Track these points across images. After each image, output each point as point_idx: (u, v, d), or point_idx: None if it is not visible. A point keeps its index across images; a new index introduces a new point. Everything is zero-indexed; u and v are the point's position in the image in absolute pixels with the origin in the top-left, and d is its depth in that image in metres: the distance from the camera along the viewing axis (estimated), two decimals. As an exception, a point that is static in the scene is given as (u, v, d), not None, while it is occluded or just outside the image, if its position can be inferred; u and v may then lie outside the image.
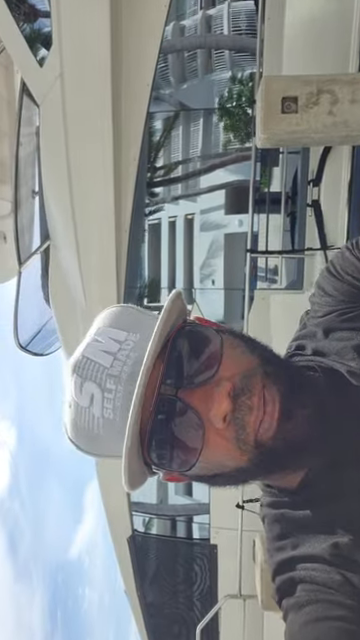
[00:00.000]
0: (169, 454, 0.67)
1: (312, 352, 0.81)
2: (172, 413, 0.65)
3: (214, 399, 0.65)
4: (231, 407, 0.65)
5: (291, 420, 0.66)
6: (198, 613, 5.19)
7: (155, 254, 8.80)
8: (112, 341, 0.68)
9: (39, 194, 5.29)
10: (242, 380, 0.66)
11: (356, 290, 0.82)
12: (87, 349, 0.69)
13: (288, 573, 0.69)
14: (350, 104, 2.71)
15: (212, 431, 0.65)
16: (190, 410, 0.65)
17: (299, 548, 0.70)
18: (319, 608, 0.63)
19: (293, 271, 4.93)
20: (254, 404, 0.65)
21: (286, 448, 0.66)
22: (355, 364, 0.75)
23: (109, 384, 0.65)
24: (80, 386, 0.67)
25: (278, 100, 2.71)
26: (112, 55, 4.18)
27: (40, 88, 4.68)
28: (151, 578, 5.71)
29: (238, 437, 0.65)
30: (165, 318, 0.65)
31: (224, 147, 9.03)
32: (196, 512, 6.75)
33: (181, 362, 0.67)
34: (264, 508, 0.78)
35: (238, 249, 9.07)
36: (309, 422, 0.67)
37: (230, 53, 9.15)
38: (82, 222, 4.79)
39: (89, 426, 0.67)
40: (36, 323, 6.07)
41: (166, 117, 8.59)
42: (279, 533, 0.74)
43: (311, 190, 4.29)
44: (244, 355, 0.69)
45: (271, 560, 0.74)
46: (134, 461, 0.66)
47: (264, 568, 3.19)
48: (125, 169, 4.70)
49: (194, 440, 0.66)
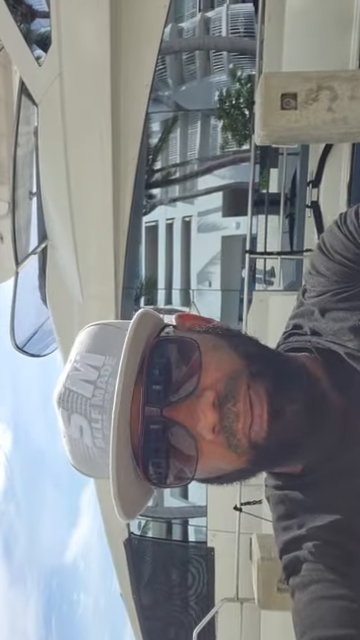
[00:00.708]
0: (167, 472, 0.67)
1: (310, 332, 0.80)
2: (161, 433, 0.65)
3: (199, 412, 0.64)
4: (218, 417, 0.64)
5: (281, 419, 0.65)
6: (195, 616, 5.17)
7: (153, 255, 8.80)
8: (90, 368, 0.67)
9: (37, 194, 5.28)
10: (226, 385, 0.65)
11: (348, 269, 0.79)
12: (67, 380, 0.68)
13: (294, 552, 0.70)
14: (349, 100, 2.70)
15: (204, 442, 0.65)
16: (178, 426, 0.65)
17: (303, 527, 0.70)
18: (323, 587, 0.64)
19: (292, 272, 4.93)
20: (240, 410, 0.64)
21: (281, 446, 0.66)
22: (352, 345, 0.74)
23: (94, 414, 0.65)
24: (68, 419, 0.67)
25: (277, 96, 2.70)
26: (111, 55, 4.17)
27: (39, 88, 4.66)
28: (148, 581, 5.68)
29: (230, 443, 0.65)
30: (128, 348, 0.64)
31: (222, 149, 9.04)
32: (192, 515, 6.74)
33: (160, 380, 0.66)
34: (268, 489, 0.78)
35: (235, 251, 9.09)
36: (300, 417, 0.66)
37: (229, 55, 9.17)
38: (80, 222, 4.77)
39: (86, 455, 0.67)
40: (33, 324, 6.05)
41: (165, 118, 8.60)
42: (284, 513, 0.74)
43: (310, 191, 4.29)
44: (227, 355, 0.67)
45: (277, 539, 0.74)
46: (132, 486, 0.67)
47: (261, 567, 3.17)
48: (124, 169, 4.69)
49: (188, 454, 0.66)
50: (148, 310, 0.70)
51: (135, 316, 0.67)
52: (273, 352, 0.75)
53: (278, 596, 3.10)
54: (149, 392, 0.65)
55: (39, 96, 4.71)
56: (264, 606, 3.24)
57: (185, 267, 9.17)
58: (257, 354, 0.69)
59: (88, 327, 0.73)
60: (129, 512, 0.67)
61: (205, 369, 0.65)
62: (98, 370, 0.67)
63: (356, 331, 0.75)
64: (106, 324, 0.73)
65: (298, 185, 4.49)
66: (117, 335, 0.69)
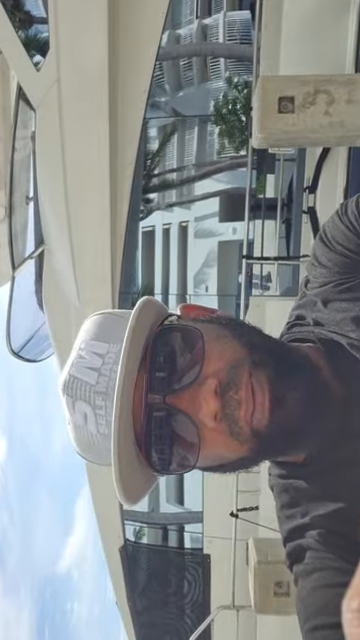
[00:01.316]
0: (169, 459, 0.68)
1: (313, 322, 0.80)
2: (163, 420, 0.66)
3: (201, 399, 0.65)
4: (220, 404, 0.64)
5: (283, 406, 0.65)
6: (191, 624, 5.13)
7: (150, 260, 8.81)
8: (95, 355, 0.68)
9: (34, 199, 5.27)
10: (228, 373, 0.65)
11: (349, 260, 0.78)
12: (72, 367, 0.69)
13: (297, 540, 0.70)
14: (346, 104, 2.72)
15: (206, 429, 0.65)
16: (181, 414, 0.66)
17: (307, 516, 0.70)
18: (327, 575, 0.64)
19: (288, 278, 4.93)
20: (242, 398, 0.64)
21: (283, 434, 0.66)
22: (355, 335, 0.74)
23: (98, 401, 0.66)
24: (72, 406, 0.68)
25: (275, 100, 2.71)
26: (109, 61, 4.19)
27: (36, 93, 4.67)
28: (143, 589, 5.64)
29: (232, 431, 0.65)
30: (131, 338, 0.64)
31: (219, 154, 9.07)
32: (188, 521, 6.71)
33: (163, 368, 0.66)
34: (272, 477, 0.78)
35: (232, 256, 9.11)
36: (302, 405, 0.66)
37: (226, 61, 9.22)
38: (77, 227, 4.77)
39: (90, 442, 0.69)
40: (29, 329, 6.03)
41: (162, 124, 8.64)
42: (288, 502, 0.74)
43: (307, 197, 4.30)
44: (229, 345, 0.68)
45: (281, 528, 0.74)
46: (135, 472, 0.67)
47: (257, 571, 3.15)
48: (121, 174, 4.70)
49: (191, 441, 0.66)
50: (151, 298, 0.70)
51: (138, 303, 0.68)
52: (276, 342, 0.75)
53: (275, 600, 3.09)
54: (152, 379, 0.66)
55: (37, 101, 4.72)
56: (261, 610, 3.22)
57: (182, 272, 9.19)
58: (260, 343, 0.70)
59: (93, 316, 0.74)
60: (131, 497, 0.67)
61: (208, 357, 0.66)
62: (102, 357, 0.67)
63: (358, 322, 0.75)
64: (111, 313, 0.74)
65: (295, 191, 4.50)
66: (122, 323, 0.69)
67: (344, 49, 3.62)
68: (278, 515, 0.75)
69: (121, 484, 0.64)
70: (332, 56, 3.72)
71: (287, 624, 3.84)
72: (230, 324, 0.72)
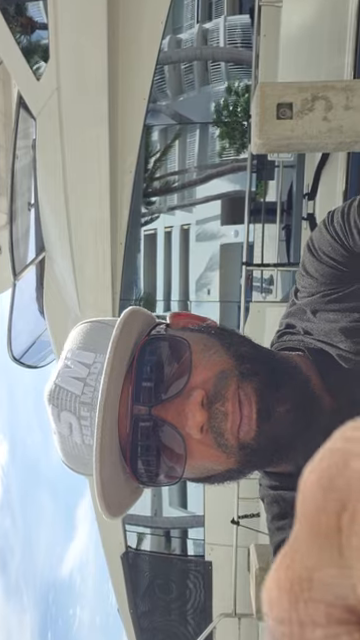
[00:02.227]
0: (155, 471, 0.67)
1: (302, 332, 0.79)
2: (149, 431, 0.65)
3: (187, 411, 0.63)
4: (206, 416, 0.63)
5: (270, 418, 0.64)
6: (192, 632, 5.11)
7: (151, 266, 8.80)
8: (81, 365, 0.67)
9: (35, 206, 5.29)
10: (215, 385, 0.64)
11: (336, 271, 0.77)
12: (58, 377, 0.68)
13: None
14: (344, 110, 2.72)
15: (193, 441, 0.64)
16: (167, 425, 0.65)
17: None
18: None
19: (289, 284, 4.93)
20: (228, 410, 0.63)
21: (270, 446, 0.65)
22: (344, 346, 0.74)
23: (83, 412, 0.65)
24: (57, 416, 0.67)
25: (273, 106, 2.72)
26: (109, 69, 4.20)
27: (37, 101, 4.69)
28: (145, 596, 5.61)
29: (218, 443, 0.64)
30: (114, 349, 0.64)
31: (220, 158, 9.07)
32: (191, 525, 6.69)
33: (149, 378, 0.65)
34: (262, 488, 0.78)
35: (234, 259, 9.09)
36: (290, 417, 0.65)
37: (226, 65, 9.22)
38: (77, 234, 4.78)
39: (76, 452, 0.68)
40: (30, 335, 6.04)
41: (162, 129, 8.64)
42: (278, 513, 0.73)
43: (306, 204, 4.30)
44: (217, 355, 0.66)
45: (271, 540, 0.74)
46: (120, 484, 0.66)
47: (259, 577, 3.14)
48: (121, 181, 4.70)
49: (177, 453, 0.66)
50: (137, 308, 0.69)
51: (123, 313, 0.67)
52: (266, 352, 0.73)
53: None
54: (138, 390, 0.65)
55: (37, 109, 4.73)
56: (262, 618, 3.20)
57: (184, 276, 9.18)
58: (249, 354, 0.68)
59: (81, 324, 0.73)
60: (114, 509, 0.66)
61: (195, 368, 0.65)
62: (88, 367, 0.66)
63: (347, 332, 0.74)
64: (99, 321, 0.73)
65: (294, 198, 4.50)
66: (109, 332, 0.68)
67: (342, 55, 3.63)
68: (269, 527, 0.75)
69: (103, 497, 0.63)
70: (330, 62, 3.72)
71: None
72: (219, 334, 0.70)
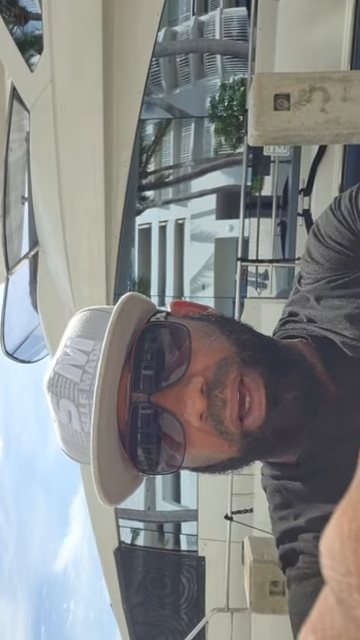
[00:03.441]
0: (154, 459, 0.67)
1: (306, 319, 0.78)
2: (148, 419, 0.65)
3: (187, 398, 0.63)
4: (206, 403, 0.63)
5: (278, 405, 0.63)
6: (185, 626, 5.14)
7: (145, 260, 8.77)
8: (80, 353, 0.66)
9: (28, 199, 5.24)
10: (216, 372, 0.64)
11: (343, 256, 0.76)
12: (57, 364, 0.68)
13: (290, 543, 0.68)
14: (342, 102, 2.70)
15: (193, 429, 0.64)
16: (166, 413, 0.64)
17: (300, 518, 0.69)
18: (320, 582, 0.60)
19: (284, 280, 4.92)
20: (227, 397, 0.63)
21: (275, 435, 0.64)
22: (348, 333, 0.73)
23: (82, 399, 0.65)
24: (57, 404, 0.67)
25: (271, 97, 2.70)
26: (104, 62, 4.16)
27: (31, 93, 4.64)
28: (138, 591, 5.64)
29: (219, 431, 0.64)
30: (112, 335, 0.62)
31: (216, 152, 9.03)
32: (184, 519, 6.71)
33: (148, 365, 0.65)
34: (265, 478, 0.77)
35: (229, 254, 9.08)
36: (297, 405, 0.65)
37: (222, 58, 9.16)
38: (72, 228, 4.75)
39: (75, 441, 0.67)
40: (23, 330, 6.00)
41: (157, 122, 8.58)
42: (281, 503, 0.73)
43: (302, 199, 4.28)
44: (218, 343, 0.66)
45: (274, 529, 0.73)
46: (119, 472, 0.66)
47: (253, 570, 3.15)
48: (116, 175, 4.67)
49: (177, 440, 0.65)
50: (136, 294, 0.68)
51: (120, 299, 0.66)
52: (268, 340, 0.73)
53: (270, 599, 3.10)
54: (137, 378, 0.64)
55: (31, 102, 4.68)
56: (256, 609, 3.22)
57: (178, 271, 9.16)
58: (250, 341, 0.68)
59: (80, 312, 0.73)
60: (112, 496, 0.65)
61: (195, 355, 0.64)
62: (87, 355, 0.66)
63: (352, 319, 0.73)
64: (98, 309, 0.72)
65: (290, 193, 4.48)
66: (108, 320, 0.67)
67: (339, 46, 3.60)
68: (271, 516, 0.74)
69: (100, 483, 0.62)
70: (327, 53, 3.70)
71: (280, 627, 3.86)
72: (220, 321, 0.70)
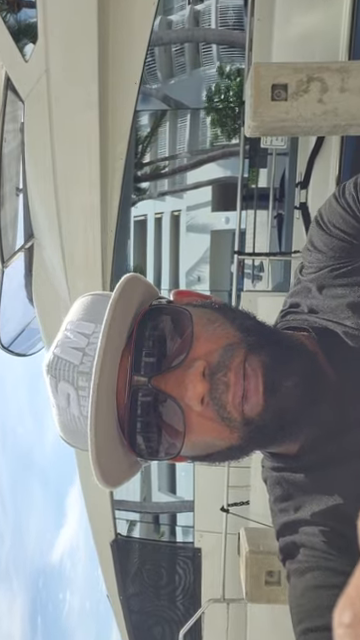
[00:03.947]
0: (153, 444, 0.66)
1: (307, 310, 0.77)
2: (148, 403, 0.64)
3: (187, 382, 0.62)
4: (207, 387, 0.62)
5: (277, 393, 0.63)
6: (181, 617, 5.19)
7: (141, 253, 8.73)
8: (80, 335, 0.66)
9: (23, 191, 5.19)
10: (220, 356, 0.63)
11: (346, 244, 0.76)
12: (57, 347, 0.67)
13: (290, 536, 0.68)
14: (340, 92, 2.69)
15: (193, 414, 0.63)
16: (166, 396, 0.63)
17: (300, 511, 0.68)
18: (320, 575, 0.62)
19: (280, 273, 4.92)
20: (231, 381, 0.62)
21: (276, 422, 0.63)
22: (350, 323, 0.72)
23: (81, 382, 0.64)
24: (55, 387, 0.66)
25: (268, 87, 2.68)
26: (99, 52, 4.11)
27: (25, 83, 4.58)
28: (134, 582, 5.69)
29: (221, 416, 0.63)
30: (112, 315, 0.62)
31: (212, 143, 8.97)
32: (180, 510, 6.75)
33: (149, 349, 0.64)
34: (265, 470, 0.77)
35: (224, 246, 9.06)
36: (298, 392, 0.64)
37: (218, 48, 9.08)
38: (67, 220, 4.71)
39: (73, 425, 0.66)
40: (19, 323, 5.98)
41: (153, 113, 8.51)
42: (281, 495, 0.72)
43: (299, 193, 4.27)
44: (221, 329, 0.65)
45: (274, 521, 0.73)
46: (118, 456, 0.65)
47: (249, 560, 3.19)
48: (112, 167, 4.63)
49: (176, 425, 0.64)
50: (137, 275, 0.67)
51: (121, 280, 0.64)
52: (270, 328, 0.72)
53: (266, 589, 3.15)
54: (137, 360, 0.63)
55: (26, 92, 4.62)
56: (252, 599, 3.27)
57: (174, 263, 9.14)
58: (254, 328, 0.67)
59: (82, 297, 0.72)
60: (110, 479, 0.64)
61: (197, 339, 0.64)
62: (88, 337, 0.65)
63: (354, 308, 0.72)
64: (100, 294, 0.72)
65: (287, 186, 4.47)
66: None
67: (337, 36, 3.58)
68: (271, 508, 0.74)
69: (98, 465, 0.61)
70: (325, 43, 3.67)
71: (276, 617, 3.91)
72: (224, 309, 0.69)
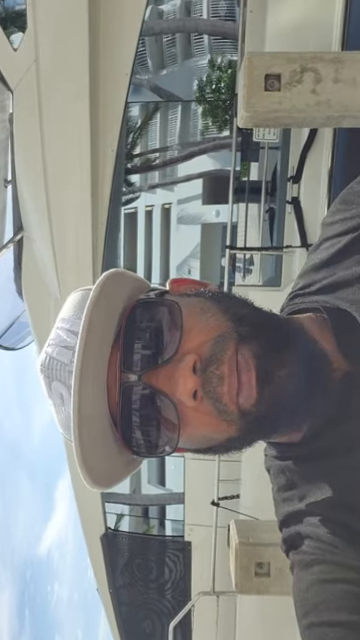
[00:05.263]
0: (147, 440, 0.65)
1: (317, 288, 0.74)
2: (141, 400, 0.63)
3: (178, 377, 0.61)
4: (199, 381, 0.61)
5: (271, 384, 0.61)
6: (171, 610, 5.22)
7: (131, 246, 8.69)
8: (70, 334, 0.65)
9: (12, 183, 5.12)
10: (210, 349, 0.62)
11: None
12: (49, 345, 0.67)
13: (295, 526, 0.67)
14: (333, 83, 2.68)
15: (188, 409, 0.62)
16: (158, 393, 0.62)
17: (305, 500, 0.67)
18: (325, 569, 0.62)
19: (270, 268, 4.91)
20: (224, 373, 0.61)
21: (272, 413, 0.62)
22: None
23: (71, 381, 0.62)
24: (49, 386, 0.66)
25: (261, 77, 2.67)
26: (90, 42, 4.05)
27: (14, 73, 4.50)
28: (124, 576, 5.71)
29: (218, 409, 0.61)
30: (90, 313, 0.60)
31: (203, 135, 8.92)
32: (169, 502, 6.78)
33: (138, 344, 0.63)
34: (268, 459, 0.75)
35: (215, 240, 9.04)
36: (293, 381, 0.62)
37: (210, 39, 9.00)
38: (57, 214, 4.66)
39: (67, 423, 0.64)
40: (8, 316, 5.92)
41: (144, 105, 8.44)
42: (285, 484, 0.71)
43: (291, 187, 4.26)
44: (214, 319, 0.64)
45: (277, 511, 0.72)
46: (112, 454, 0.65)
47: (239, 552, 3.23)
48: (102, 159, 4.58)
49: (171, 421, 0.63)
50: (121, 271, 0.66)
51: (103, 274, 0.63)
52: (266, 314, 0.70)
53: (256, 581, 3.19)
54: (126, 357, 0.62)
55: (14, 82, 4.54)
56: (242, 591, 3.32)
57: (164, 257, 9.11)
58: (248, 317, 0.65)
59: (74, 293, 0.71)
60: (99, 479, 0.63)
61: (187, 333, 0.62)
62: (77, 336, 0.63)
63: None
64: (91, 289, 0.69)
65: (279, 181, 4.46)
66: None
67: (330, 25, 3.55)
68: (274, 498, 0.73)
69: (84, 463, 0.60)
70: (318, 33, 3.65)
71: (265, 609, 3.95)
72: (218, 298, 0.67)
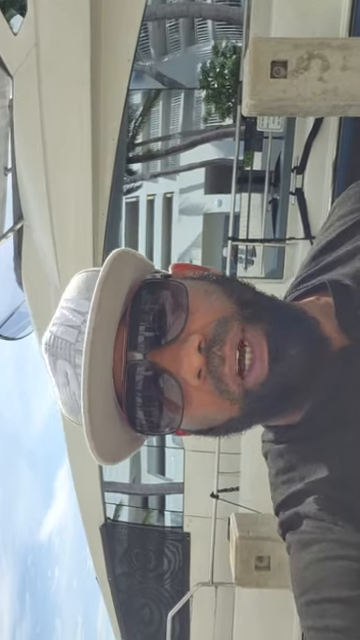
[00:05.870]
0: (152, 419, 0.66)
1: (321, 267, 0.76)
2: (145, 378, 0.64)
3: (183, 356, 0.63)
4: (203, 361, 0.62)
5: (281, 361, 0.63)
6: (170, 600, 5.27)
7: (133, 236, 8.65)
8: (76, 313, 0.66)
9: (12, 171, 5.06)
10: (214, 329, 0.63)
11: None
12: (54, 325, 0.68)
13: (294, 508, 0.68)
14: (341, 71, 2.61)
15: (192, 388, 0.63)
16: (163, 371, 0.64)
17: (304, 480, 0.68)
18: (325, 547, 0.62)
19: (273, 260, 4.87)
20: (226, 353, 0.62)
21: (277, 392, 0.63)
22: None
23: (77, 359, 0.63)
24: (54, 365, 0.67)
25: (267, 63, 2.60)
26: (91, 27, 3.97)
27: (14, 58, 4.42)
28: (123, 566, 5.76)
29: (220, 389, 0.63)
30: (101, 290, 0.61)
31: (206, 123, 8.83)
32: (169, 491, 6.82)
33: (144, 324, 0.65)
34: (266, 444, 0.76)
35: (217, 229, 8.99)
36: (300, 361, 0.63)
37: (214, 24, 8.87)
38: (58, 202, 4.61)
39: (72, 402, 0.66)
40: (8, 306, 5.90)
41: (146, 92, 8.34)
42: (284, 467, 0.72)
43: (295, 178, 4.20)
44: (218, 302, 0.65)
45: (275, 496, 0.72)
46: (117, 432, 0.66)
47: (239, 545, 3.24)
48: (103, 147, 4.52)
49: (175, 400, 0.64)
50: (128, 250, 0.67)
51: (111, 253, 0.64)
52: (269, 298, 0.71)
53: (256, 574, 3.22)
54: (132, 336, 0.63)
55: (14, 67, 4.47)
56: (242, 584, 3.35)
57: (166, 246, 9.06)
58: (252, 300, 0.67)
59: (79, 274, 0.72)
60: (106, 455, 0.64)
61: (193, 313, 0.64)
62: (83, 315, 0.65)
63: None
64: (96, 270, 0.70)
65: (282, 171, 4.39)
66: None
67: (338, 10, 3.48)
68: (272, 482, 0.73)
69: (93, 439, 0.61)
70: (325, 18, 3.57)
71: (263, 600, 3.97)
72: (222, 281, 0.69)
